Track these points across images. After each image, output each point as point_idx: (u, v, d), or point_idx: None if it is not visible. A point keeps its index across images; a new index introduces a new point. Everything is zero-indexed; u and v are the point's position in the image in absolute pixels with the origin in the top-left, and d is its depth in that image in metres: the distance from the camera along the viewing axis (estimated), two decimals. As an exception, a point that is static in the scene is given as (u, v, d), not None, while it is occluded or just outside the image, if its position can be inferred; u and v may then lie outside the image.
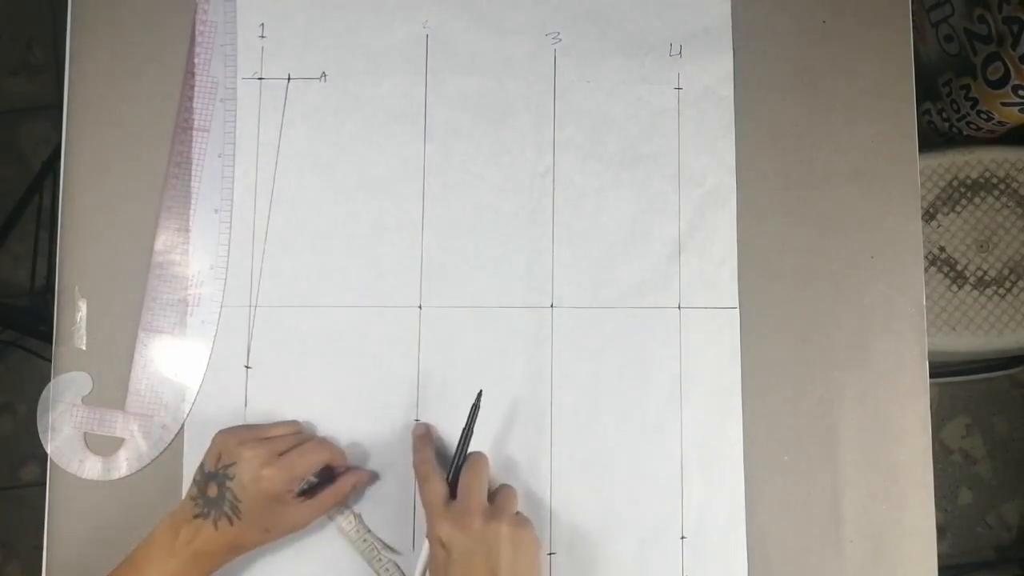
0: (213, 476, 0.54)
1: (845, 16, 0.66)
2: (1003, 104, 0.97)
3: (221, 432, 0.57)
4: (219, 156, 0.64)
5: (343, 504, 0.59)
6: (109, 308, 0.63)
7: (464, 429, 0.57)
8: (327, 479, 0.58)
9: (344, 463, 0.59)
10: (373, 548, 0.59)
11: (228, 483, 0.53)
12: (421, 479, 0.55)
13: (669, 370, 0.63)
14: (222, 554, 0.54)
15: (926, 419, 0.63)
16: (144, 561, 0.52)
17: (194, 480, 0.55)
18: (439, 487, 0.54)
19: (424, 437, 0.59)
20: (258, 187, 0.64)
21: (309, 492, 0.56)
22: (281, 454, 0.55)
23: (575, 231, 0.64)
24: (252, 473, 0.53)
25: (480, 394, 0.58)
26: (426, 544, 0.54)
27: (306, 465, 0.55)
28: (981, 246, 1.01)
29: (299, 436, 0.58)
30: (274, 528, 0.55)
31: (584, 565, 0.61)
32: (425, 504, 0.54)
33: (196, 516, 0.53)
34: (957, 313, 1.01)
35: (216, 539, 0.53)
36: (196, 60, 0.64)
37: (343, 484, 0.58)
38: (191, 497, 0.54)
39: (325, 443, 0.58)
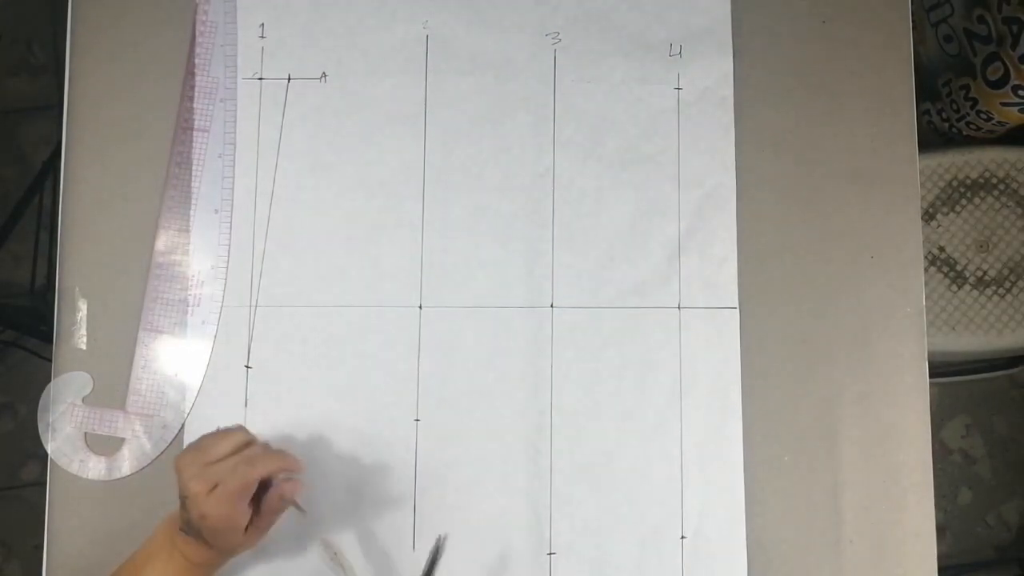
0: (182, 503, 0.53)
1: (845, 16, 0.66)
2: (1003, 104, 0.97)
3: (177, 458, 0.53)
4: (219, 156, 0.64)
5: (300, 513, 0.56)
6: (109, 308, 0.63)
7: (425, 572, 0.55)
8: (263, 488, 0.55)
9: (284, 467, 0.55)
10: None
11: (191, 510, 0.52)
12: None
13: (669, 370, 0.63)
14: (213, 562, 0.54)
15: (926, 419, 0.63)
16: (146, 562, 0.53)
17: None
18: None
19: None
20: (258, 187, 0.64)
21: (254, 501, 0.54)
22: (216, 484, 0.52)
23: (575, 231, 0.64)
24: (197, 511, 0.51)
25: (441, 540, 0.56)
26: None
27: (239, 489, 0.52)
28: (981, 246, 1.01)
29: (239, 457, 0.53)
30: (242, 545, 0.54)
31: (584, 565, 0.61)
32: None
33: (181, 530, 0.53)
34: (957, 313, 1.01)
35: (202, 551, 0.53)
36: (196, 60, 0.64)
37: (270, 506, 0.54)
38: (180, 511, 0.53)
39: (257, 459, 0.53)
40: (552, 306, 0.63)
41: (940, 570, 0.62)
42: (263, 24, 0.65)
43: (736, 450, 0.62)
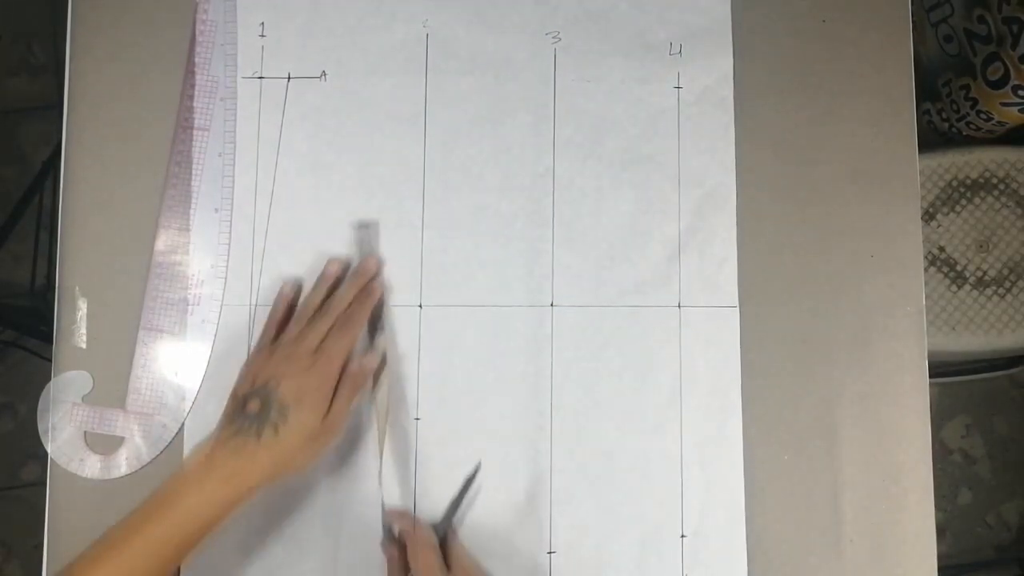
0: (253, 393, 0.53)
1: (845, 16, 0.66)
2: (1003, 104, 0.97)
3: (247, 364, 0.57)
4: (219, 155, 0.64)
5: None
6: (109, 308, 0.63)
7: (457, 497, 0.59)
8: None
9: (373, 305, 0.60)
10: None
11: (272, 396, 0.53)
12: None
13: (669, 369, 0.63)
14: (263, 472, 0.52)
15: (926, 419, 0.63)
16: (175, 492, 0.51)
17: (225, 411, 0.54)
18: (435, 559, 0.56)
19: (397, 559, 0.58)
20: (258, 187, 0.64)
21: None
22: (316, 350, 0.55)
23: (575, 231, 0.64)
24: (294, 386, 0.53)
25: (478, 466, 0.61)
26: None
27: (342, 354, 0.55)
28: (981, 246, 1.01)
29: (319, 322, 0.57)
30: (320, 436, 0.54)
31: (584, 565, 0.61)
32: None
33: (234, 435, 0.52)
34: (957, 313, 1.01)
35: (258, 455, 0.52)
36: (196, 59, 0.64)
37: (353, 380, 0.57)
38: (224, 426, 0.53)
39: (349, 322, 0.57)
40: (552, 305, 0.63)
41: (940, 570, 0.62)
42: (263, 23, 0.65)
43: (736, 450, 0.62)
